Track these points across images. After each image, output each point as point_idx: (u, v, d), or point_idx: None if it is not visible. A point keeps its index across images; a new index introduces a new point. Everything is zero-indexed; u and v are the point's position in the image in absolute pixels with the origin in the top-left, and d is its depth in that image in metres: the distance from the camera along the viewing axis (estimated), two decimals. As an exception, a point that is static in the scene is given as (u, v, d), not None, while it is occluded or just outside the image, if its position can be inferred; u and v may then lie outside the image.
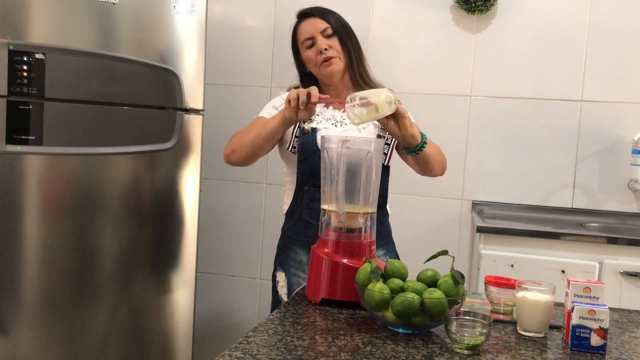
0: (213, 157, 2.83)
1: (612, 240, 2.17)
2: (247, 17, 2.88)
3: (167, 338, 2.25)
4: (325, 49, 1.84)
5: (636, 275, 2.12)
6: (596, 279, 2.13)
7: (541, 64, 2.63)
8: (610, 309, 1.23)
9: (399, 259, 1.93)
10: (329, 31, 1.86)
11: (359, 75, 1.90)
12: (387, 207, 1.95)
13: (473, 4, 2.59)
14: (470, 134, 2.71)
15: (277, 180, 2.85)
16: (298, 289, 1.59)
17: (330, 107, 1.90)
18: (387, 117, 1.55)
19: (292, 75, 2.75)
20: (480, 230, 2.23)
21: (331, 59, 1.84)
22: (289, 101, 1.62)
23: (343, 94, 1.91)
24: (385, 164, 1.84)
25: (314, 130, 1.81)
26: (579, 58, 2.60)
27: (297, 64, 1.97)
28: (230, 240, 2.95)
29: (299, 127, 1.82)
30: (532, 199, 2.67)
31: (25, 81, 1.88)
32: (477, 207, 2.66)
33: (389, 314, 1.23)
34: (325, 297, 1.42)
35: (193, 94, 2.19)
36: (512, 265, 2.17)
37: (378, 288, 1.26)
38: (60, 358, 2.01)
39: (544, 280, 1.36)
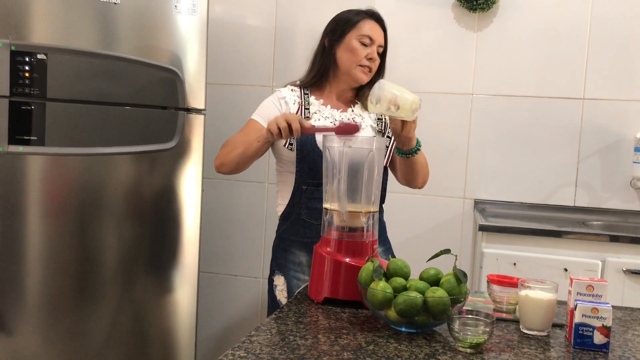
0: (215, 157, 2.83)
1: (614, 239, 2.16)
2: (248, 16, 2.88)
3: (170, 337, 2.25)
4: (374, 60, 1.87)
5: (639, 273, 2.11)
6: (599, 277, 2.13)
7: (543, 62, 2.63)
8: (613, 307, 1.23)
9: (394, 256, 1.94)
10: (381, 50, 1.90)
11: (364, 92, 1.92)
12: (383, 205, 1.96)
13: (474, 2, 2.59)
14: (472, 132, 2.70)
15: (279, 179, 2.84)
16: (300, 288, 1.59)
17: (329, 106, 1.89)
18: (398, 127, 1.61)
19: (294, 74, 2.75)
20: (483, 228, 2.23)
21: (370, 71, 1.87)
22: (270, 131, 1.61)
23: (343, 95, 1.92)
24: (385, 164, 1.86)
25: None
26: (580, 56, 2.60)
27: (329, 39, 1.90)
28: (233, 239, 2.95)
29: None
30: (534, 197, 2.66)
31: (27, 81, 1.88)
32: (480, 205, 2.66)
33: (391, 313, 1.23)
34: (327, 296, 1.42)
35: (195, 94, 2.19)
36: (514, 264, 2.17)
37: (381, 287, 1.26)
38: (62, 357, 2.01)
39: (547, 278, 1.36)
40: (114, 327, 2.10)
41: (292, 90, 1.93)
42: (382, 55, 1.91)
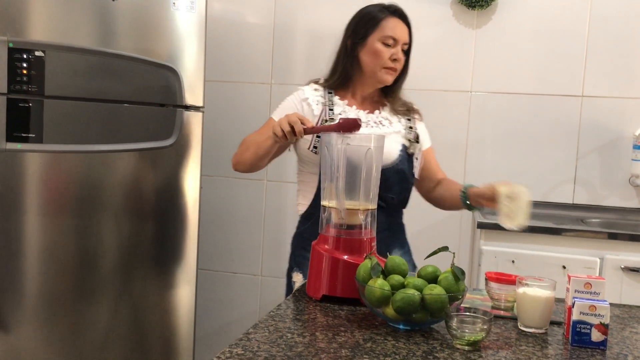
0: (213, 154, 2.82)
1: (613, 236, 2.16)
2: (247, 14, 2.88)
3: (169, 335, 2.25)
4: (398, 60, 1.82)
5: (637, 271, 2.12)
6: (597, 274, 2.13)
7: (542, 60, 2.63)
8: (611, 304, 1.23)
9: (411, 257, 1.93)
10: (406, 47, 1.85)
11: (393, 91, 1.89)
12: (404, 209, 1.96)
13: (473, 0, 2.59)
14: (471, 129, 2.70)
15: (278, 177, 2.85)
16: (298, 286, 1.59)
17: (354, 106, 1.84)
18: (490, 198, 1.67)
19: (292, 71, 2.76)
20: (481, 226, 2.23)
21: (394, 71, 1.83)
22: (275, 134, 1.60)
23: (369, 97, 1.88)
24: (416, 176, 1.89)
25: None
26: (579, 53, 2.60)
27: (351, 40, 1.84)
28: (231, 237, 2.95)
29: None
30: (533, 194, 2.64)
31: (25, 79, 1.88)
32: (478, 203, 2.65)
33: (389, 311, 1.23)
34: (325, 294, 1.42)
35: (193, 91, 2.19)
36: (512, 261, 2.17)
37: (378, 284, 1.26)
38: (61, 354, 2.01)
39: (545, 276, 1.36)
40: (112, 324, 2.10)
41: (315, 90, 1.87)
42: (408, 54, 1.86)
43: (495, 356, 1.13)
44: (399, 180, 1.82)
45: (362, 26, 1.83)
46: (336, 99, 1.85)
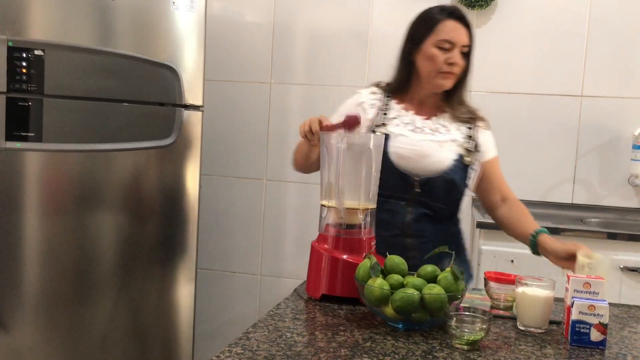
0: (213, 154, 2.83)
1: (612, 236, 2.17)
2: (246, 13, 2.88)
3: (168, 334, 2.25)
4: (455, 64, 1.71)
5: (636, 271, 2.12)
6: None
7: (541, 59, 2.63)
8: (610, 304, 1.23)
9: (468, 266, 1.85)
10: (466, 49, 1.73)
11: (454, 96, 1.78)
12: (459, 215, 1.87)
13: (473, 0, 2.59)
14: (471, 129, 2.70)
15: (277, 176, 2.85)
16: (298, 286, 1.59)
17: (411, 111, 1.76)
18: (562, 258, 1.54)
19: (292, 71, 2.75)
20: (481, 225, 2.23)
21: (452, 75, 1.72)
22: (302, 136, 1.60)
23: (427, 102, 1.78)
24: (472, 190, 1.82)
25: (387, 136, 1.68)
26: (579, 53, 2.60)
27: (408, 45, 1.77)
28: (231, 236, 2.95)
29: (372, 131, 1.71)
30: (532, 194, 2.66)
31: (24, 77, 1.88)
32: (477, 202, 2.65)
33: (388, 310, 1.23)
34: (325, 293, 1.42)
35: (193, 90, 2.18)
36: (512, 261, 2.17)
37: (378, 284, 1.26)
38: (61, 353, 2.01)
39: (544, 275, 1.36)
40: (112, 323, 2.10)
41: (372, 93, 1.81)
42: (468, 56, 1.74)
43: (495, 356, 1.13)
44: (448, 190, 1.72)
45: (418, 30, 1.75)
46: (393, 103, 1.78)
